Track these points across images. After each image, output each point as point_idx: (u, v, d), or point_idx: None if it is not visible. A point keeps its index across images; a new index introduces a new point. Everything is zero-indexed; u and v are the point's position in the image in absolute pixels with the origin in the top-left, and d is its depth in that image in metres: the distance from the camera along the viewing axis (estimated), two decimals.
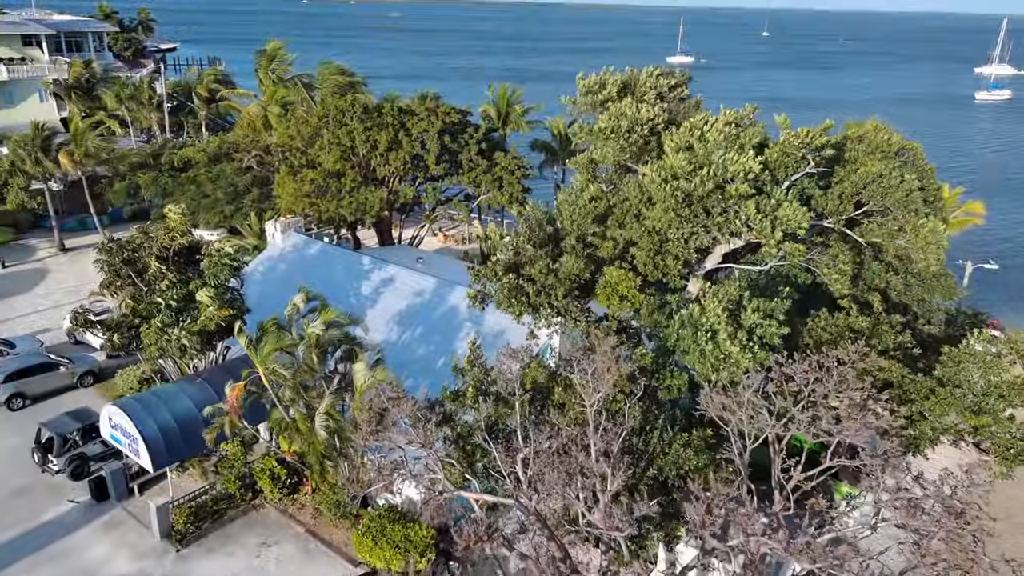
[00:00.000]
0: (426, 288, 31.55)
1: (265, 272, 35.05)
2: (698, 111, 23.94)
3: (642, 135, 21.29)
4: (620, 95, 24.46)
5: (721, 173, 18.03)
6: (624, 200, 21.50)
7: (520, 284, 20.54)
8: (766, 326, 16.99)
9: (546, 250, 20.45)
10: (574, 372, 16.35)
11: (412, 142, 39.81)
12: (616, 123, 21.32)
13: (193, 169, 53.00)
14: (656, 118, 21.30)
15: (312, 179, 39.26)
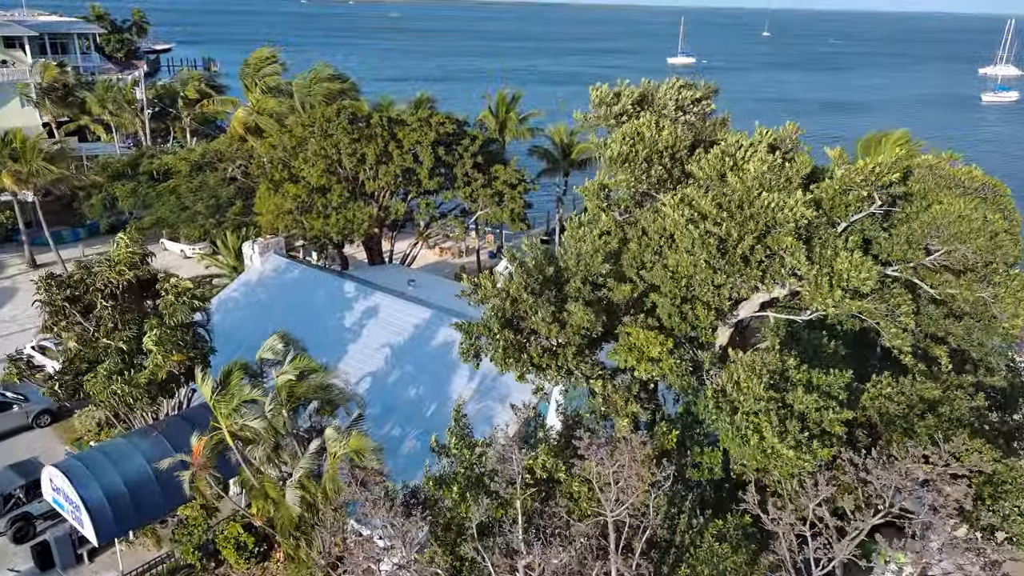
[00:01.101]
0: (416, 319, 28.45)
1: (241, 299, 31.96)
2: (725, 128, 20.82)
3: (662, 164, 18.19)
4: (636, 108, 21.37)
5: (766, 221, 14.99)
6: (642, 235, 18.39)
7: (520, 340, 17.42)
8: (825, 413, 13.92)
9: (547, 296, 17.34)
10: (587, 450, 13.27)
11: (403, 155, 36.73)
12: (631, 148, 18.20)
13: (174, 179, 49.93)
14: (678, 143, 18.18)
15: (295, 195, 36.17)
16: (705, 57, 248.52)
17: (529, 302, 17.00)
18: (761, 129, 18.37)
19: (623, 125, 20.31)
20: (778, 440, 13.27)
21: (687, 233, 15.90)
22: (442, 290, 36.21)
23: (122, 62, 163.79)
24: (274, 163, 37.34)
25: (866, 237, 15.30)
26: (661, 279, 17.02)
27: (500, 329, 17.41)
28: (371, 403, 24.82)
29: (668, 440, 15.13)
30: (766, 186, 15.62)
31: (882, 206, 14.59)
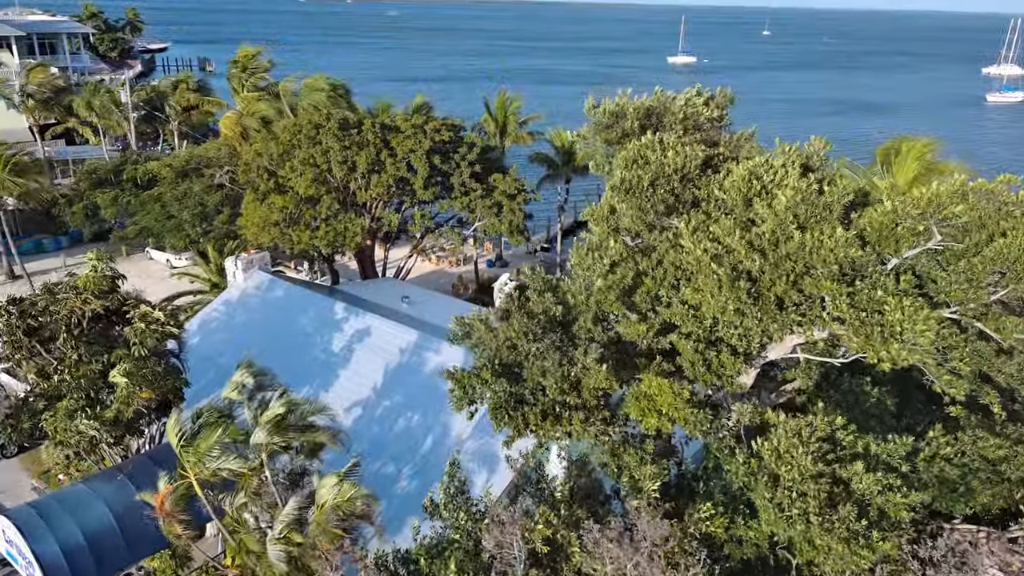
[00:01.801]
0: (409, 344, 26.49)
1: (223, 319, 30.00)
2: (750, 144, 18.85)
3: (670, 189, 16.22)
4: (643, 127, 19.40)
5: (804, 262, 13.04)
6: (658, 264, 16.44)
7: (519, 394, 15.45)
8: (890, 495, 11.92)
9: (551, 340, 15.39)
10: (596, 545, 11.36)
11: (397, 163, 34.75)
12: (636, 175, 16.22)
13: (159, 186, 47.93)
14: (688, 163, 16.19)
15: (282, 206, 34.19)
16: (706, 56, 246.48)
17: (532, 350, 15.04)
18: (784, 146, 16.39)
19: (628, 146, 18.35)
20: (830, 535, 11.26)
21: (710, 271, 13.96)
22: (438, 306, 34.32)
23: (116, 61, 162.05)
24: (259, 172, 35.36)
25: (917, 273, 13.41)
26: (681, 317, 15.08)
27: (494, 379, 15.43)
28: (359, 437, 22.90)
29: (713, 524, 12.98)
30: (801, 218, 13.68)
31: (941, 241, 12.69)
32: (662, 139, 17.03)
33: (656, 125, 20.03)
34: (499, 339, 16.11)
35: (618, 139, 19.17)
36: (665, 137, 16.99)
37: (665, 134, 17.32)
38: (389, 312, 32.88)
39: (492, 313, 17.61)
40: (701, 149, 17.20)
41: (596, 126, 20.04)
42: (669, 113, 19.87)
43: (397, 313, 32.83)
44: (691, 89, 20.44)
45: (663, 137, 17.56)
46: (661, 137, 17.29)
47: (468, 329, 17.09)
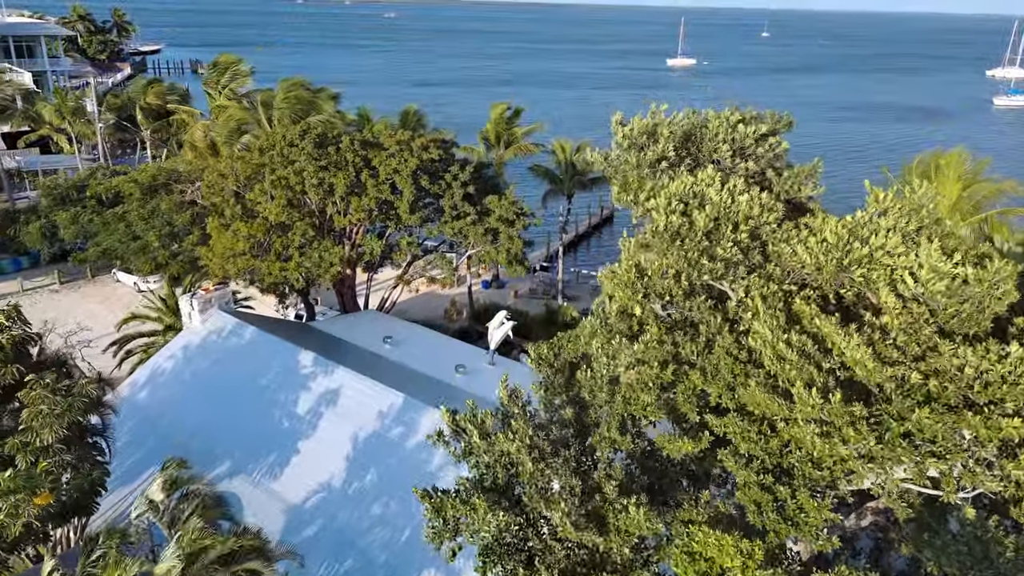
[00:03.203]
0: (387, 407, 22.35)
1: (175, 371, 25.82)
2: (813, 181, 14.71)
3: (736, 242, 12.13)
4: (679, 155, 15.31)
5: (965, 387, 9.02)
6: (706, 349, 12.34)
7: (520, 523, 11.37)
8: None
9: (565, 457, 11.33)
10: None
11: (379, 185, 30.64)
12: (684, 220, 12.16)
13: (126, 203, 43.73)
14: (765, 214, 12.10)
15: (249, 234, 30.05)
16: (706, 59, 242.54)
17: (538, 470, 10.94)
18: (877, 192, 12.29)
19: (667, 180, 14.23)
20: None
21: (798, 376, 9.91)
22: (424, 347, 30.21)
23: (104, 64, 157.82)
24: (224, 196, 31.23)
25: None
26: (741, 433, 10.99)
27: (486, 511, 11.32)
28: (320, 536, 18.77)
29: None
30: (946, 318, 9.62)
31: None
32: (725, 178, 12.91)
33: (695, 152, 15.95)
34: (494, 453, 12.01)
35: (651, 164, 15.07)
36: (726, 177, 12.85)
37: (710, 170, 13.16)
38: (368, 356, 28.85)
39: (490, 416, 13.50)
40: (778, 197, 13.06)
41: (626, 145, 15.95)
42: (709, 137, 15.77)
43: (377, 358, 28.80)
44: (729, 109, 16.34)
45: (725, 176, 13.49)
46: (721, 175, 13.18)
47: (457, 433, 13.00)
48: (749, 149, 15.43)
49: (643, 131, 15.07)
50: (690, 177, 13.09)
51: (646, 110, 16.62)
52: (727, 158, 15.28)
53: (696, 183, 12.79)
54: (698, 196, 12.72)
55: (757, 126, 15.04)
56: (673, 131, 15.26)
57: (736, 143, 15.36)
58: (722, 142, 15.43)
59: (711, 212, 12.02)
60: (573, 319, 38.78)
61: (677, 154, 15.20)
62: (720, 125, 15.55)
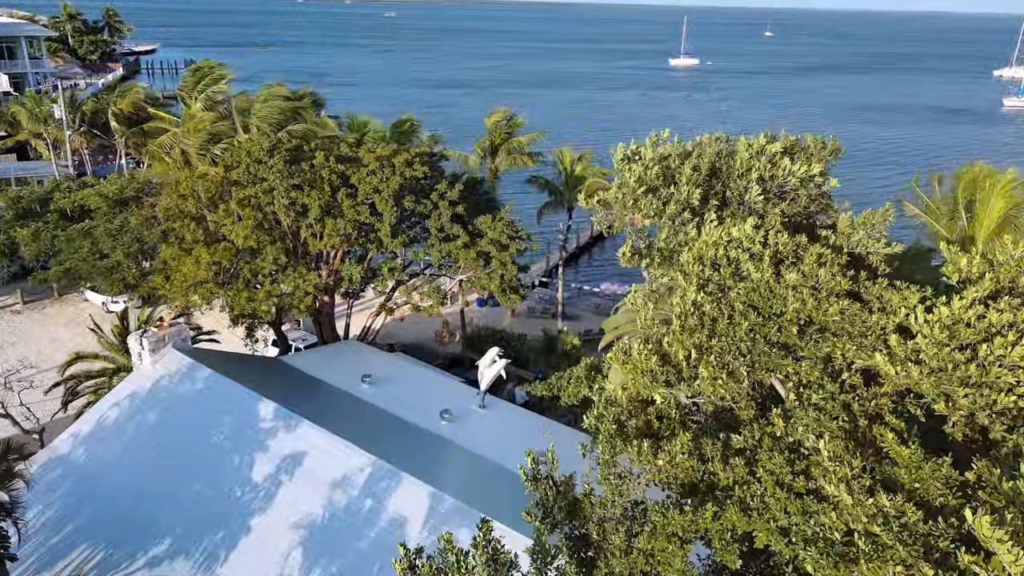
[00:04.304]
0: (357, 474, 19.23)
1: (118, 423, 22.68)
2: (882, 233, 11.55)
3: (780, 334, 9.00)
4: (704, 197, 12.18)
5: None
6: (749, 474, 9.20)
7: None
8: None
9: None
10: None
11: (358, 206, 27.52)
12: (716, 306, 9.03)
13: (96, 217, 40.68)
14: (831, 283, 8.91)
15: (212, 261, 26.96)
16: (709, 58, 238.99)
17: None
18: (952, 253, 9.15)
19: (691, 231, 11.12)
20: None
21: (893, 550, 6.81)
22: (407, 386, 27.09)
23: (95, 65, 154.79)
24: (183, 219, 28.13)
25: None
26: None
27: None
28: None
29: None
30: None
31: None
32: (765, 231, 9.75)
33: (721, 190, 12.81)
34: None
35: (671, 218, 11.93)
36: (761, 225, 9.69)
37: (749, 226, 10.00)
38: (343, 398, 25.75)
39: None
40: (837, 252, 9.90)
41: (631, 180, 12.83)
42: (739, 172, 12.62)
43: (353, 400, 25.69)
44: (761, 136, 13.19)
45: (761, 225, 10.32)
46: (759, 224, 10.01)
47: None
48: (789, 187, 12.26)
49: (653, 165, 11.89)
50: (722, 233, 9.91)
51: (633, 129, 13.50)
52: (758, 201, 12.11)
53: (731, 245, 9.61)
54: (732, 263, 9.54)
55: (802, 164, 11.84)
56: (697, 167, 12.09)
57: (774, 180, 12.20)
58: (755, 180, 12.25)
59: (750, 297, 8.87)
60: (574, 347, 35.65)
61: (703, 197, 12.05)
62: (753, 158, 12.38)
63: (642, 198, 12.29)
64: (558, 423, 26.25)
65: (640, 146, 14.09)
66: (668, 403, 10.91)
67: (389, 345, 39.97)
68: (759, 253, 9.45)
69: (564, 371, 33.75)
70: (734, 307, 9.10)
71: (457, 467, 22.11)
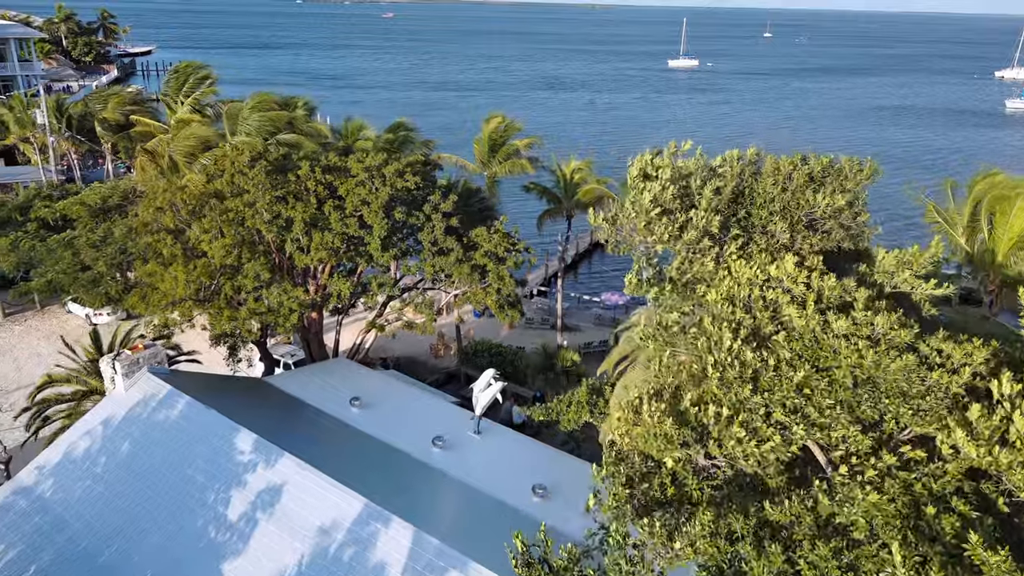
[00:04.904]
0: (340, 515, 17.72)
1: (84, 458, 21.15)
2: (933, 270, 10.09)
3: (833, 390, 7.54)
4: (726, 221, 10.73)
5: None
6: (782, 558, 7.74)
7: None
8: None
9: None
10: None
11: (345, 219, 26.03)
12: (757, 358, 7.59)
13: (78, 226, 39.14)
14: (884, 363, 7.47)
15: (191, 279, 25.45)
16: (709, 59, 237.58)
17: None
18: None
19: (709, 262, 9.66)
20: None
21: None
22: (398, 409, 25.60)
23: (90, 67, 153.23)
24: (159, 235, 26.62)
25: None
26: None
27: None
28: None
29: None
30: None
31: None
32: (806, 278, 8.28)
33: (744, 217, 11.34)
34: None
35: (689, 244, 10.45)
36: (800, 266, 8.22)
37: (790, 264, 8.53)
38: (330, 424, 24.26)
39: None
40: (877, 292, 8.44)
41: (643, 210, 11.34)
42: (764, 199, 11.14)
43: (341, 426, 24.21)
44: (791, 158, 11.72)
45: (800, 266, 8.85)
46: (800, 270, 8.54)
47: None
48: (821, 217, 10.78)
49: (676, 194, 10.41)
50: (756, 271, 8.42)
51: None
52: (785, 233, 10.62)
53: (767, 285, 8.13)
54: (771, 307, 8.06)
55: (826, 196, 10.36)
56: (720, 189, 10.61)
57: (804, 209, 10.72)
58: (779, 212, 10.77)
59: (795, 347, 7.40)
60: (573, 363, 34.16)
61: (723, 224, 10.57)
62: (779, 184, 10.89)
63: (656, 221, 10.82)
64: (556, 450, 24.79)
65: (658, 154, 12.67)
66: (683, 466, 9.44)
67: (382, 359, 38.50)
68: (801, 296, 7.99)
69: (563, 393, 32.27)
70: (779, 357, 7.64)
71: (450, 503, 20.66)
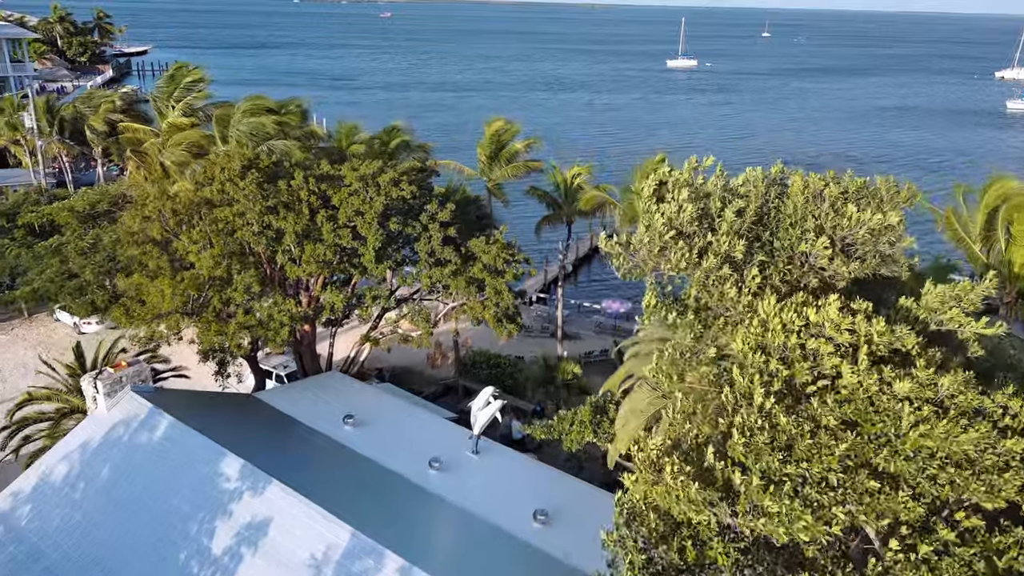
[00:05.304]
0: (330, 548, 16.74)
1: (63, 483, 20.14)
2: (974, 307, 9.14)
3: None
4: (749, 244, 9.77)
5: None
6: None
7: None
8: None
9: None
10: None
11: (338, 230, 25.05)
12: (801, 426, 6.61)
13: (66, 232, 38.09)
14: (957, 436, 6.51)
15: (177, 291, 24.44)
16: (707, 59, 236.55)
17: None
18: None
19: (722, 284, 8.74)
20: None
21: None
22: (393, 427, 24.65)
23: (84, 67, 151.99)
24: (145, 245, 25.60)
25: None
26: None
27: None
28: None
29: None
30: None
31: None
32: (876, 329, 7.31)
33: (769, 240, 10.37)
34: None
35: (708, 272, 9.49)
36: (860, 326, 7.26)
37: (833, 309, 7.55)
38: (322, 444, 23.30)
39: None
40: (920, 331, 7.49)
41: (658, 234, 10.37)
42: (792, 221, 10.18)
43: (333, 446, 23.24)
44: (825, 175, 10.76)
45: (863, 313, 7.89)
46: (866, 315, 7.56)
47: None
48: (857, 243, 9.80)
49: (694, 216, 9.42)
50: (791, 314, 7.44)
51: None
52: (826, 252, 9.65)
53: (806, 331, 7.15)
54: (810, 357, 7.09)
55: (874, 212, 9.38)
56: (743, 211, 9.63)
57: (838, 232, 9.74)
58: (814, 230, 9.79)
59: (845, 410, 6.42)
60: (574, 376, 33.18)
61: (748, 249, 9.60)
62: (809, 203, 9.92)
63: (672, 245, 9.85)
64: (558, 471, 23.80)
65: (663, 164, 11.70)
66: (708, 525, 8.46)
67: (378, 371, 37.51)
68: (848, 345, 7.02)
69: (564, 405, 31.26)
70: (820, 422, 6.68)
71: (446, 532, 19.69)
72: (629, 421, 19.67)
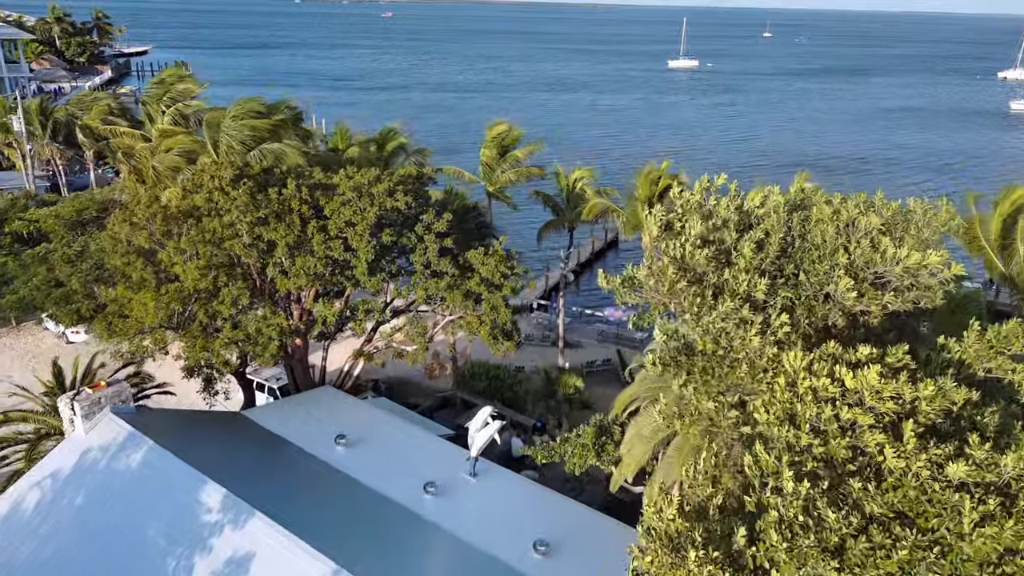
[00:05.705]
0: None
1: (36, 513, 19.09)
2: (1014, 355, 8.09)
3: None
4: (772, 281, 8.73)
5: None
6: None
7: None
8: None
9: None
10: None
11: (329, 241, 23.99)
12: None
13: (53, 240, 37.08)
14: None
15: (161, 305, 23.40)
16: (709, 60, 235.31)
17: None
18: None
19: (741, 328, 7.65)
20: None
21: None
22: (387, 448, 23.59)
23: (83, 67, 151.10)
24: (129, 256, 24.56)
25: None
26: None
27: None
28: None
29: None
30: None
31: None
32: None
33: (793, 274, 9.30)
34: None
35: (726, 315, 8.43)
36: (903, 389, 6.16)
37: (874, 378, 6.46)
38: (312, 466, 22.24)
39: None
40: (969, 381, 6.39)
41: (667, 278, 9.29)
42: (820, 253, 9.11)
43: (324, 468, 22.18)
44: (854, 196, 9.67)
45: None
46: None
47: None
48: (893, 276, 8.73)
49: (708, 257, 8.34)
50: (824, 381, 6.36)
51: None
52: (851, 293, 8.59)
53: (843, 399, 6.07)
54: (847, 432, 6.01)
55: (913, 250, 8.30)
56: (763, 243, 8.56)
57: (870, 267, 8.68)
58: (843, 268, 8.72)
59: (890, 498, 5.36)
60: (576, 390, 32.11)
61: (771, 286, 8.53)
62: (840, 235, 8.86)
63: (684, 287, 8.78)
64: (559, 495, 22.68)
65: (684, 189, 10.63)
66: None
67: (373, 383, 36.47)
68: (893, 416, 5.96)
69: (565, 420, 30.22)
70: (865, 510, 5.61)
71: (439, 563, 18.64)
72: (635, 446, 18.65)
